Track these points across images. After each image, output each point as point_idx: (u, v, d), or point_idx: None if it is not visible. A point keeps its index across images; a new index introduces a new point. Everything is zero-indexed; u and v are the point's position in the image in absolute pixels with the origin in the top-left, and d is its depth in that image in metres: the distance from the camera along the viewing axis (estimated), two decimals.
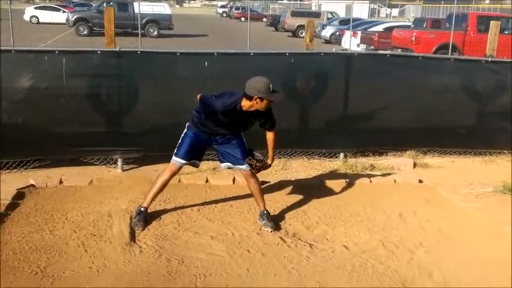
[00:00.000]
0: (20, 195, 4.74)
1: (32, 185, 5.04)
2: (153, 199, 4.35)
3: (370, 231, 4.35)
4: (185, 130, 4.37)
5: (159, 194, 4.38)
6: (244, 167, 4.31)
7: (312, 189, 5.33)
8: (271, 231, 4.22)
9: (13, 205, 4.50)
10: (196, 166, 4.59)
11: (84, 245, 3.82)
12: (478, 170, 6.39)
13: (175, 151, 4.33)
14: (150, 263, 3.61)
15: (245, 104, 4.04)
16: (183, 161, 4.31)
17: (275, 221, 4.41)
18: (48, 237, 3.92)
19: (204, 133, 4.31)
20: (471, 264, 3.84)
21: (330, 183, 5.55)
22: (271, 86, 4.01)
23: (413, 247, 4.09)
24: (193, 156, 4.38)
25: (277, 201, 4.92)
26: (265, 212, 4.38)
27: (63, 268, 3.48)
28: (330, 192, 5.28)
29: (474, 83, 6.75)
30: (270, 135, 4.37)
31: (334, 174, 5.88)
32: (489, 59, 6.91)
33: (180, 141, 4.36)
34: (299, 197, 5.07)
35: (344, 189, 5.42)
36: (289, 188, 5.31)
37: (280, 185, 5.40)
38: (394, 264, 3.80)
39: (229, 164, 4.38)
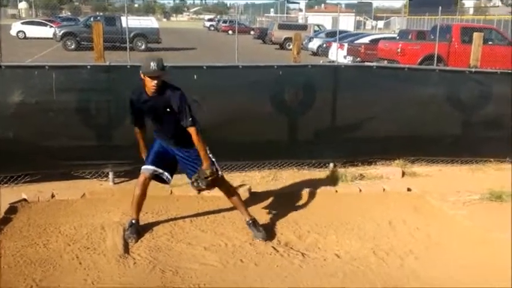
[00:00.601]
0: (12, 210, 4.76)
1: (24, 200, 5.06)
2: (137, 211, 4.33)
3: (361, 240, 4.43)
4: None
5: (141, 205, 4.34)
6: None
7: (302, 199, 5.40)
8: (262, 241, 4.27)
9: (6, 219, 4.52)
10: (167, 181, 4.39)
11: (78, 258, 3.85)
12: (465, 178, 6.50)
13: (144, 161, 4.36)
14: (145, 274, 3.65)
15: (144, 85, 4.06)
16: (150, 167, 4.25)
17: (266, 230, 4.47)
18: (42, 251, 3.94)
19: (161, 139, 4.32)
20: (459, 270, 3.92)
21: (320, 192, 5.63)
22: (153, 64, 3.93)
23: (404, 254, 4.17)
24: (161, 164, 4.27)
25: (268, 211, 4.98)
26: (250, 221, 4.42)
27: (58, 281, 3.51)
28: (320, 201, 5.36)
29: (459, 93, 6.88)
30: (192, 136, 4.13)
31: (324, 184, 5.95)
32: (473, 70, 7.06)
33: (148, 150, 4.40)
34: (290, 207, 5.14)
35: (334, 198, 5.50)
36: (280, 198, 5.37)
37: (270, 195, 5.46)
38: (385, 270, 3.87)
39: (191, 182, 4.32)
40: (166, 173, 4.34)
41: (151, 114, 4.20)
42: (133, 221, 4.32)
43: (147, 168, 4.27)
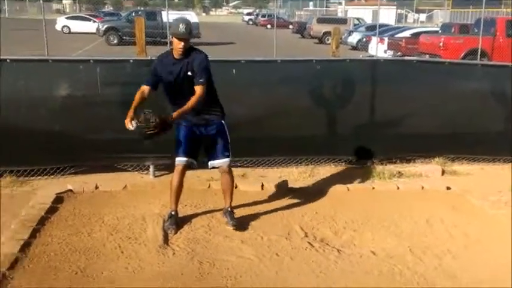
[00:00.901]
0: (58, 200, 4.96)
1: (70, 190, 5.26)
2: (175, 201, 4.45)
3: (398, 237, 4.41)
4: (176, 129, 4.40)
5: (178, 196, 4.46)
6: (222, 161, 4.40)
7: (339, 195, 5.41)
8: (233, 229, 4.36)
9: (53, 209, 4.73)
10: (195, 167, 4.51)
11: (120, 247, 4.00)
12: (508, 177, 6.33)
13: (175, 152, 4.39)
14: (183, 265, 3.76)
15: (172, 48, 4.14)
16: (184, 158, 4.33)
17: (303, 225, 4.52)
18: (86, 240, 4.12)
19: (185, 124, 4.33)
20: (499, 269, 3.86)
21: (357, 189, 5.63)
22: (181, 26, 4.02)
23: (441, 253, 4.13)
24: (193, 153, 4.39)
25: (305, 207, 5.02)
26: (229, 209, 4.51)
27: (101, 269, 3.66)
28: (357, 198, 5.35)
29: (502, 89, 6.71)
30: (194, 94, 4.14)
31: (361, 181, 5.94)
32: None
33: (175, 140, 4.41)
34: (326, 203, 5.16)
35: (371, 195, 5.48)
36: (317, 195, 5.39)
37: (307, 192, 5.49)
38: (422, 269, 3.85)
39: (212, 162, 4.45)
40: (195, 162, 4.46)
41: (175, 78, 4.19)
42: (173, 212, 4.44)
43: (181, 160, 4.36)
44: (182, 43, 4.09)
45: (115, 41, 24.94)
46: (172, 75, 4.21)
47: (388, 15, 51.54)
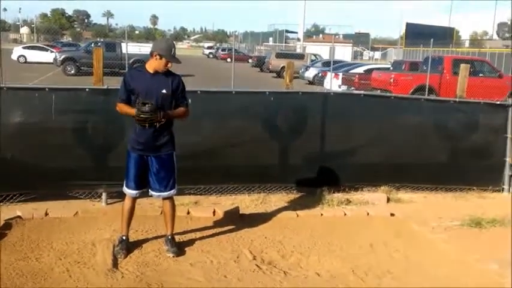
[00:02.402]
0: (6, 226, 4.92)
1: (19, 217, 5.22)
2: (126, 227, 4.53)
3: (342, 260, 4.60)
4: (126, 155, 4.48)
5: (129, 222, 4.54)
6: (165, 194, 4.51)
7: (288, 221, 5.59)
8: (173, 256, 4.40)
9: (0, 235, 4.68)
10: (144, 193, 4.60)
11: (68, 271, 4.01)
12: (449, 205, 6.68)
13: (126, 182, 4.48)
14: (131, 287, 3.80)
15: (148, 63, 4.33)
16: (134, 192, 4.45)
17: (252, 249, 4.64)
18: (34, 264, 4.11)
19: (138, 148, 4.39)
20: None
21: (306, 215, 5.82)
22: (173, 50, 4.34)
23: (382, 274, 4.34)
24: (142, 184, 4.47)
25: (254, 232, 5.16)
26: (170, 237, 4.57)
27: None
28: (305, 224, 5.53)
29: (444, 123, 7.13)
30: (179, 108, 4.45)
31: (310, 208, 6.14)
32: (457, 100, 7.33)
33: (126, 168, 4.48)
34: (275, 228, 5.32)
35: (319, 221, 5.68)
36: (267, 220, 5.55)
37: (257, 218, 5.63)
38: None
39: (154, 193, 4.53)
40: (145, 190, 4.56)
41: (146, 93, 4.25)
42: (124, 237, 4.49)
43: (131, 193, 4.47)
44: (170, 64, 4.35)
45: (72, 71, 24.75)
46: (149, 89, 4.28)
47: (344, 52, 53.47)
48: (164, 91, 4.31)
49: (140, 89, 4.30)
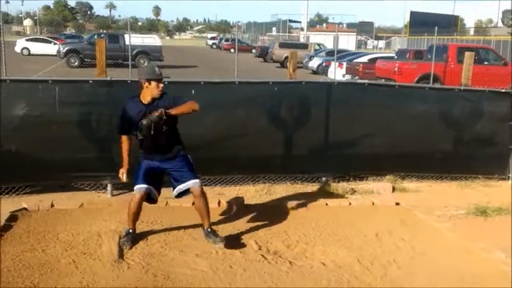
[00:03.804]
0: (13, 218, 4.95)
1: (25, 208, 5.25)
2: (133, 222, 4.53)
3: (347, 250, 4.60)
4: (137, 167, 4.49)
5: (137, 218, 4.54)
6: (191, 182, 4.44)
7: (293, 211, 5.59)
8: (222, 246, 4.39)
9: (6, 227, 4.72)
10: (154, 199, 4.59)
11: (75, 263, 4.04)
12: (454, 193, 6.67)
13: (134, 182, 4.46)
14: (137, 278, 3.84)
15: (142, 94, 4.31)
16: (144, 185, 4.40)
17: (257, 239, 4.65)
18: (40, 256, 4.14)
19: (150, 157, 4.42)
20: (441, 278, 4.09)
21: (311, 205, 5.81)
22: (157, 69, 4.27)
23: (387, 263, 4.34)
24: (152, 182, 4.46)
25: (260, 223, 5.16)
26: (209, 230, 4.53)
27: (55, 283, 3.69)
28: (310, 214, 5.53)
29: (449, 111, 7.09)
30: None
31: (315, 198, 6.13)
32: (462, 88, 7.29)
33: (135, 173, 4.48)
34: (281, 219, 5.32)
35: (324, 211, 5.68)
36: (272, 211, 5.55)
37: (263, 208, 5.64)
38: (368, 279, 4.03)
39: (180, 187, 4.47)
40: (155, 191, 4.54)
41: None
42: (130, 230, 4.51)
43: (141, 187, 4.43)
44: (161, 84, 4.29)
45: (76, 63, 24.71)
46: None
47: (348, 41, 53.19)
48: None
49: (137, 119, 4.27)
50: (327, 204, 5.90)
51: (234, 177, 6.47)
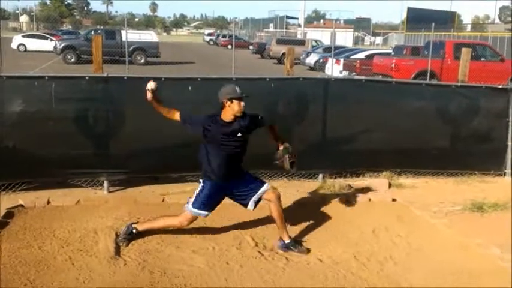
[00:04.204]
0: (9, 215, 4.94)
1: (21, 205, 5.24)
2: (147, 229, 4.49)
3: (344, 246, 4.61)
4: (201, 185, 4.41)
5: (156, 229, 4.52)
6: (264, 187, 4.44)
7: (290, 207, 5.57)
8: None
9: (2, 223, 4.71)
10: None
11: (71, 259, 4.04)
12: (450, 189, 6.68)
13: (191, 201, 4.37)
14: (134, 274, 3.84)
15: (223, 113, 4.31)
16: (205, 212, 4.38)
17: (254, 235, 4.66)
18: (36, 252, 4.13)
19: (227, 179, 4.39)
20: (438, 274, 4.10)
21: (308, 202, 5.82)
22: (238, 89, 4.31)
23: (384, 259, 4.35)
24: (214, 206, 4.45)
25: (256, 219, 5.15)
26: (288, 241, 4.42)
27: (51, 280, 3.69)
28: (307, 210, 5.53)
29: (445, 107, 7.10)
30: (271, 129, 4.68)
31: (312, 194, 6.14)
32: (459, 84, 7.29)
33: (197, 192, 4.39)
34: None
35: (321, 207, 5.68)
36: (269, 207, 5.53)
37: (261, 204, 5.60)
38: (365, 274, 4.04)
39: (254, 198, 4.43)
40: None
41: (226, 139, 4.32)
42: (134, 231, 4.45)
43: (202, 213, 4.38)
44: (243, 102, 4.31)
45: (72, 60, 24.64)
46: (227, 136, 4.32)
47: (345, 38, 53.14)
48: (239, 134, 4.35)
49: (216, 134, 4.32)
50: (323, 200, 5.90)
51: None
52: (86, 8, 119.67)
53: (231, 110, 4.28)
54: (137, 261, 4.06)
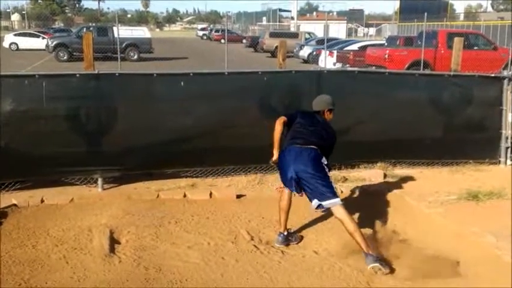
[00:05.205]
0: (2, 214, 4.91)
1: (14, 205, 5.21)
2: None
3: (340, 237, 4.59)
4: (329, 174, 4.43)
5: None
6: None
7: None
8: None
9: None
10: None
11: (65, 258, 4.02)
12: (445, 179, 6.67)
13: (335, 192, 4.33)
14: (129, 271, 3.82)
15: (327, 116, 4.72)
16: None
17: (249, 229, 4.64)
18: (30, 252, 4.11)
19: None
20: (434, 263, 4.09)
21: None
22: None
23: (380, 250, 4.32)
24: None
25: (251, 213, 5.16)
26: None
27: (45, 279, 3.67)
28: (302, 203, 5.47)
29: (439, 97, 7.09)
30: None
31: None
32: (451, 73, 7.28)
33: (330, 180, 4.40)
34: (273, 209, 5.23)
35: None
36: (264, 201, 5.53)
37: (255, 198, 5.63)
38: (361, 265, 4.03)
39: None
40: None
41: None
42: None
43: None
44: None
45: (65, 57, 24.51)
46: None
47: (338, 30, 53.03)
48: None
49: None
50: None
51: (226, 168, 6.43)
52: (77, 5, 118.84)
53: (331, 116, 4.76)
54: (132, 258, 4.04)
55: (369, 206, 5.48)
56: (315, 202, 4.22)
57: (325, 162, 4.42)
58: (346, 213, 4.17)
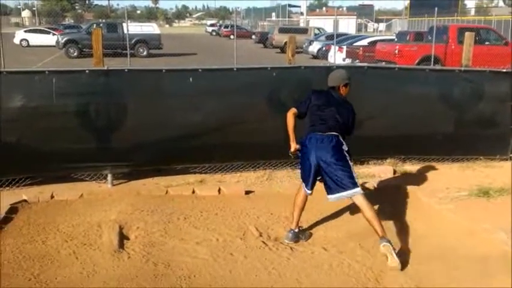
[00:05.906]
0: (13, 210, 4.94)
1: (25, 200, 5.24)
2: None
3: (349, 234, 4.58)
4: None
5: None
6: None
7: (294, 197, 5.53)
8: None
9: (6, 219, 4.71)
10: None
11: (75, 253, 4.04)
12: (455, 175, 6.62)
13: (356, 182, 4.40)
14: (138, 267, 3.83)
15: (343, 91, 4.70)
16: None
17: (258, 225, 4.63)
18: (40, 247, 4.13)
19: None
20: (444, 261, 4.07)
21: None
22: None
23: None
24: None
25: (260, 209, 5.15)
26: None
27: (55, 274, 3.69)
28: (311, 199, 5.46)
29: (449, 92, 7.02)
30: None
31: (316, 183, 6.09)
32: (462, 69, 7.21)
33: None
34: (282, 205, 5.29)
35: (325, 196, 5.61)
36: (272, 197, 5.54)
37: (263, 194, 5.63)
38: (370, 262, 4.02)
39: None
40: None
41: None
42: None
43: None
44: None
45: (75, 54, 24.63)
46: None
47: (348, 25, 52.78)
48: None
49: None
50: None
51: (234, 164, 6.44)
52: (87, 2, 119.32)
53: (347, 90, 4.74)
54: (141, 254, 4.06)
55: (379, 202, 5.44)
56: (335, 196, 4.32)
57: (346, 149, 4.41)
58: (366, 201, 4.24)
